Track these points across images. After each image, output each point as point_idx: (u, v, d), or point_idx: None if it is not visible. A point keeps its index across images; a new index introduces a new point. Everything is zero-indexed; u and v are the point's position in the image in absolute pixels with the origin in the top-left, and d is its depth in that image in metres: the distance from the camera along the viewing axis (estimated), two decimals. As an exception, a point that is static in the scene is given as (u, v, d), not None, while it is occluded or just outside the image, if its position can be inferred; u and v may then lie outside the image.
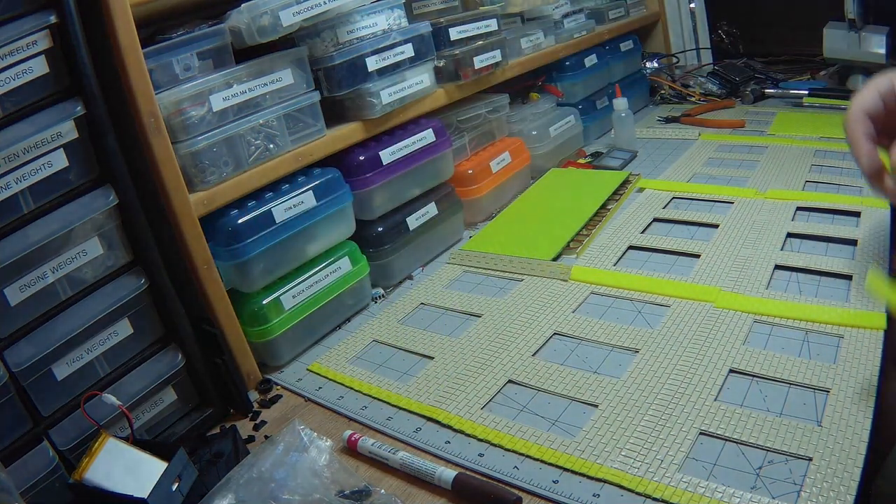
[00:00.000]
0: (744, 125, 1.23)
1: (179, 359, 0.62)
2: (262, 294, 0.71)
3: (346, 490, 0.51)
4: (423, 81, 0.87)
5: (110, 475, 0.49)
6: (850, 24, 1.24)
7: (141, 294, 0.59)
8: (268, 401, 0.67)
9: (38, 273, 0.53)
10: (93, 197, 0.56)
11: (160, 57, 0.64)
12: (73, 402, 0.55)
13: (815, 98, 1.28)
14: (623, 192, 1.00)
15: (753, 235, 0.81)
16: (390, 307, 0.80)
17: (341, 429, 0.60)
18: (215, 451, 0.59)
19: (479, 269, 0.86)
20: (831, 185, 0.92)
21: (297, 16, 0.72)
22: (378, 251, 0.83)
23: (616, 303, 0.73)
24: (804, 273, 0.72)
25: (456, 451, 0.55)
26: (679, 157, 1.12)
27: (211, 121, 0.66)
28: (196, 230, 0.65)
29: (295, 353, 0.74)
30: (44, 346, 0.53)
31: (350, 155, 0.81)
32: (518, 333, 0.70)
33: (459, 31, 0.94)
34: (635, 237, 0.86)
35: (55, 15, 0.52)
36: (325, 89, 0.78)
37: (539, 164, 1.11)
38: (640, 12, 1.53)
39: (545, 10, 1.19)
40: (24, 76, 0.52)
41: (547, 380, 0.62)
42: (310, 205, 0.73)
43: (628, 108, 1.17)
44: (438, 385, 0.64)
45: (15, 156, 0.51)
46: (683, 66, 1.59)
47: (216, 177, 0.67)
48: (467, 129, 0.99)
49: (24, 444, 0.52)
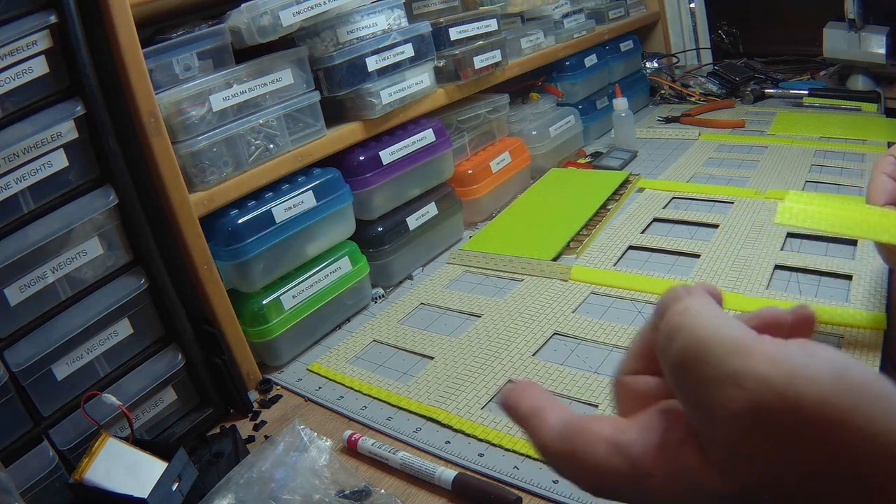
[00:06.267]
0: (744, 125, 1.23)
1: (179, 359, 0.62)
2: (262, 294, 0.71)
3: (346, 490, 0.51)
4: (423, 81, 0.87)
5: (110, 475, 0.49)
6: (850, 24, 1.24)
7: (141, 294, 0.59)
8: (268, 401, 0.67)
9: (38, 273, 0.53)
10: (93, 197, 0.56)
11: (160, 57, 0.64)
12: (73, 402, 0.55)
13: (815, 98, 1.28)
14: (623, 192, 1.00)
15: (753, 235, 0.81)
16: (390, 307, 0.80)
17: (341, 429, 0.60)
18: (215, 451, 0.59)
19: (479, 269, 0.86)
20: (831, 185, 0.92)
21: (297, 16, 0.72)
22: (378, 251, 0.83)
23: (616, 303, 0.73)
24: (804, 273, 0.72)
25: (456, 451, 0.55)
26: (679, 157, 1.12)
27: (211, 121, 0.66)
28: (196, 230, 0.64)
29: (295, 353, 0.74)
30: (44, 346, 0.53)
31: (350, 155, 0.81)
32: (518, 333, 0.70)
33: (459, 31, 0.94)
34: (635, 237, 0.86)
35: (55, 15, 0.52)
36: (325, 89, 0.78)
37: (539, 164, 1.11)
38: (640, 12, 1.53)
39: (545, 10, 1.19)
40: (24, 76, 0.52)
41: (547, 380, 0.62)
42: (310, 205, 0.73)
43: (628, 108, 1.17)
44: (438, 385, 0.64)
45: (15, 156, 0.51)
46: (683, 66, 1.59)
47: (216, 177, 0.67)
48: (467, 129, 0.99)
49: (24, 444, 0.52)
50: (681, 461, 0.28)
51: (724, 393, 0.25)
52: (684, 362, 0.27)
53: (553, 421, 0.32)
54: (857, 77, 1.30)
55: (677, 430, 0.29)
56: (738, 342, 0.26)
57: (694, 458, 0.27)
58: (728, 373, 0.25)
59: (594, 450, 0.30)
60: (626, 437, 0.30)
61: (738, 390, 0.25)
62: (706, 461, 0.27)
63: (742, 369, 0.25)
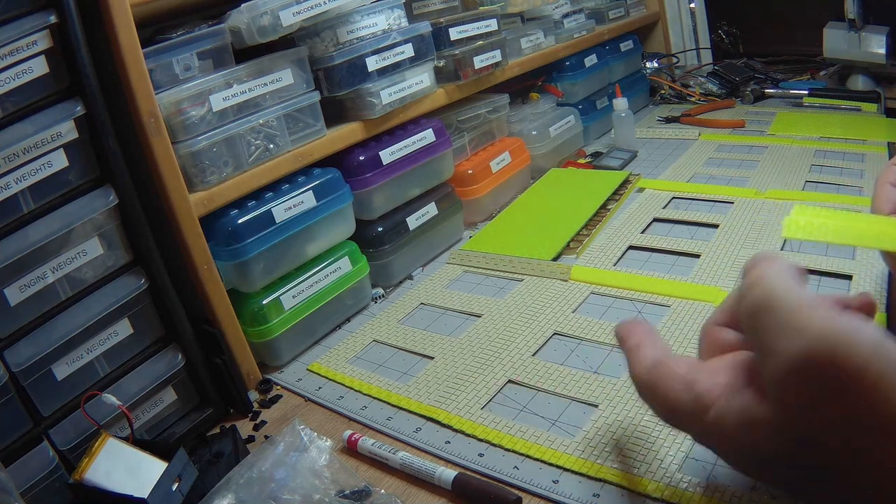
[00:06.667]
0: (744, 125, 1.23)
1: (179, 359, 0.62)
2: (262, 294, 0.71)
3: (346, 490, 0.51)
4: (423, 81, 0.87)
5: (110, 475, 0.49)
6: (850, 24, 1.24)
7: (141, 294, 0.59)
8: (268, 401, 0.67)
9: (38, 273, 0.53)
10: (93, 197, 0.56)
11: (160, 57, 0.64)
12: (73, 402, 0.55)
13: (815, 98, 1.28)
14: (623, 192, 1.00)
15: (753, 235, 0.81)
16: (390, 307, 0.80)
17: (341, 429, 0.60)
18: (215, 451, 0.59)
19: (479, 269, 0.86)
20: (831, 185, 0.92)
21: (297, 16, 0.72)
22: (378, 251, 0.83)
23: (616, 303, 0.73)
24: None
25: (456, 451, 0.55)
26: (679, 157, 1.12)
27: (211, 121, 0.66)
28: (196, 230, 0.64)
29: (295, 353, 0.74)
30: (44, 346, 0.53)
31: (350, 155, 0.81)
32: (518, 333, 0.70)
33: (459, 31, 0.94)
34: (635, 237, 0.86)
35: (55, 15, 0.52)
36: (325, 89, 0.78)
37: (539, 164, 1.11)
38: (640, 12, 1.53)
39: (545, 10, 1.19)
40: (24, 76, 0.52)
41: (547, 380, 0.62)
42: (310, 205, 0.73)
43: (628, 108, 1.17)
44: (438, 385, 0.64)
45: (15, 156, 0.51)
46: (683, 66, 1.59)
47: (216, 177, 0.67)
48: (467, 129, 0.99)
49: (24, 444, 0.52)
50: (740, 398, 0.33)
51: (785, 339, 0.30)
52: (758, 309, 0.32)
53: (646, 356, 0.40)
54: (857, 77, 1.30)
55: (743, 375, 0.34)
56: (804, 301, 0.31)
57: (752, 397, 0.32)
58: (791, 323, 0.30)
59: (671, 384, 0.37)
60: (695, 376, 0.36)
61: (796, 339, 0.29)
62: (764, 400, 0.31)
63: (803, 322, 0.30)
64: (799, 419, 0.29)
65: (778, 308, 0.31)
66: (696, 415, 0.35)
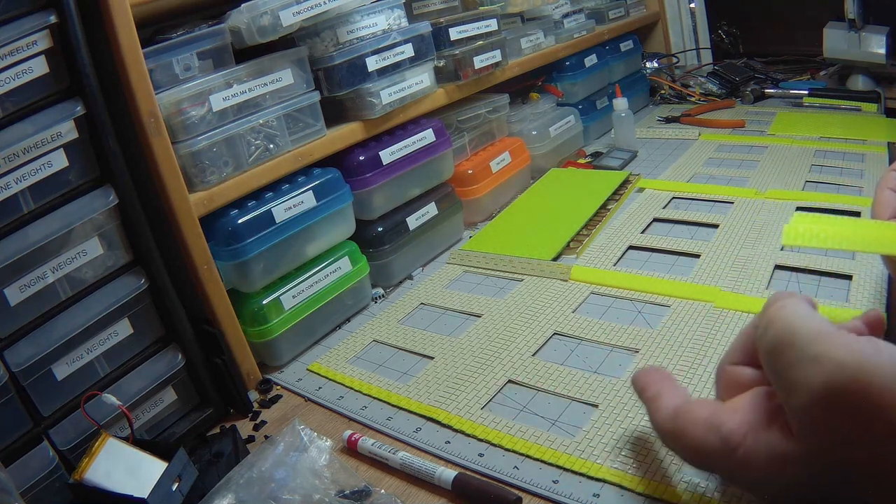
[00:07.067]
0: (744, 125, 1.23)
1: (179, 359, 0.62)
2: (262, 294, 0.71)
3: (346, 490, 0.51)
4: (423, 81, 0.87)
5: (110, 475, 0.49)
6: (850, 24, 1.24)
7: (141, 294, 0.59)
8: (268, 401, 0.67)
9: (38, 273, 0.53)
10: (93, 197, 0.56)
11: (160, 57, 0.64)
12: (73, 402, 0.55)
13: (815, 98, 1.28)
14: (623, 192, 1.00)
15: (753, 235, 0.81)
16: (390, 307, 0.80)
17: (341, 429, 0.60)
18: (215, 451, 0.59)
19: (479, 269, 0.86)
20: (831, 186, 0.92)
21: (297, 16, 0.72)
22: (378, 251, 0.83)
23: (616, 303, 0.73)
24: (804, 273, 0.72)
25: (456, 451, 0.55)
26: (679, 157, 1.12)
27: (211, 121, 0.66)
28: (196, 230, 0.65)
29: (295, 353, 0.74)
30: (44, 346, 0.53)
31: (350, 155, 0.81)
32: (518, 333, 0.70)
33: (459, 31, 0.94)
34: (635, 237, 0.86)
35: (55, 15, 0.52)
36: (325, 89, 0.78)
37: (539, 164, 1.11)
38: (640, 12, 1.53)
39: (545, 10, 1.19)
40: (24, 76, 0.52)
41: (547, 380, 0.62)
42: (310, 205, 0.73)
43: (628, 108, 1.17)
44: (438, 385, 0.64)
45: (15, 156, 0.51)
46: (683, 66, 1.59)
47: (216, 177, 0.67)
48: (467, 129, 0.99)
49: (24, 444, 0.52)
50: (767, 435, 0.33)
51: (806, 371, 0.30)
52: (777, 345, 0.33)
53: (667, 405, 0.41)
54: (857, 77, 1.30)
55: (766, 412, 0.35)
56: (822, 331, 0.31)
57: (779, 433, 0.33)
58: (811, 355, 0.31)
59: (695, 429, 0.37)
60: (719, 418, 0.36)
61: (818, 370, 0.30)
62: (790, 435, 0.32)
63: (823, 353, 0.30)
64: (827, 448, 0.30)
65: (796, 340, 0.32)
66: (724, 456, 0.35)
